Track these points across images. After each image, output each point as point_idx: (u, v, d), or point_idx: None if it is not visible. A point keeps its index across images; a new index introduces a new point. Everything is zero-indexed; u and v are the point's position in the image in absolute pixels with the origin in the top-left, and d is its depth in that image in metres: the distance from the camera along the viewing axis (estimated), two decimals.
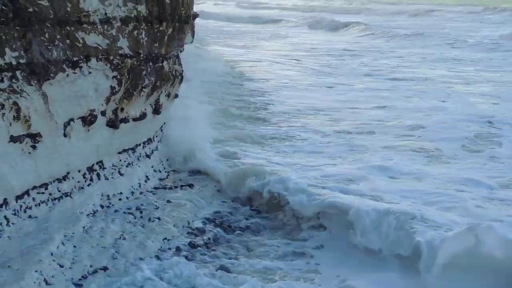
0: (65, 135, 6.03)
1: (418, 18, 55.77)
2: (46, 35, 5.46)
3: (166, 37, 7.22)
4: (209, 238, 6.59)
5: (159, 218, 6.71)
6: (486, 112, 13.06)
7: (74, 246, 5.84)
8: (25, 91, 5.24)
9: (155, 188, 7.73)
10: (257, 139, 10.42)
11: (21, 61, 5.15)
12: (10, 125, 5.25)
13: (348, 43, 30.39)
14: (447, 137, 10.73)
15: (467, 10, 61.92)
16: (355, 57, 24.29)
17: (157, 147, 8.34)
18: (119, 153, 7.22)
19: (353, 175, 8.34)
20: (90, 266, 5.60)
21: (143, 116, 7.26)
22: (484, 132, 11.37)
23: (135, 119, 7.13)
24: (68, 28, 5.76)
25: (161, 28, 7.03)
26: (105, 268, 5.63)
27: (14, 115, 5.24)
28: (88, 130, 6.35)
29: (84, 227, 6.21)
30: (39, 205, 6.01)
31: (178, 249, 6.24)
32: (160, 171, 8.24)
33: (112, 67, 6.33)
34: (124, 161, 7.33)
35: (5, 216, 5.56)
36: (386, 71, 19.80)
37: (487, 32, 35.27)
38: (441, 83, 17.46)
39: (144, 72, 6.88)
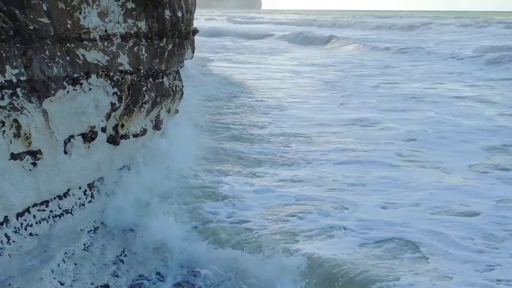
0: (65, 152, 6.02)
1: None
2: (47, 52, 5.47)
3: (166, 53, 7.23)
4: None
5: None
6: None
7: (75, 264, 5.81)
8: (25, 108, 5.24)
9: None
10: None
11: (22, 78, 5.15)
12: (11, 142, 5.24)
13: (345, 58, 30.71)
14: None
15: (460, 23, 64.10)
16: (359, 71, 24.41)
17: None
18: (120, 169, 7.20)
19: None
20: (91, 284, 5.56)
21: (143, 132, 7.26)
22: None
23: (135, 135, 7.13)
24: (68, 45, 5.77)
25: (161, 44, 7.05)
26: (106, 286, 5.58)
27: (14, 133, 5.23)
28: (89, 146, 6.35)
29: (85, 244, 6.19)
30: (40, 223, 5.99)
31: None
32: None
33: (112, 84, 6.35)
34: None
35: (5, 234, 5.53)
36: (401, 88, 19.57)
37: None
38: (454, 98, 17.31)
39: (144, 88, 6.88)
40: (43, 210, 6.02)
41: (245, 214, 7.18)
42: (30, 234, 5.82)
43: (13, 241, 5.59)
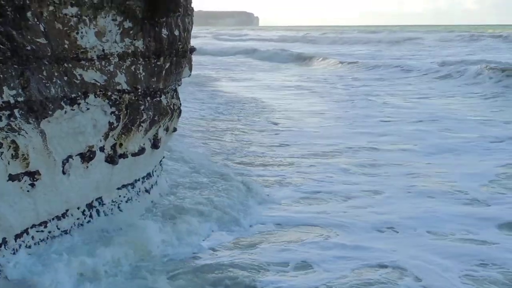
0: (63, 172, 5.99)
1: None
2: (44, 73, 5.47)
3: (163, 72, 7.24)
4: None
5: None
6: None
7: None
8: (23, 129, 5.22)
9: None
10: None
11: (19, 99, 5.14)
12: (8, 163, 5.22)
13: (342, 74, 31.06)
14: None
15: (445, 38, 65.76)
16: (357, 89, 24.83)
17: (156, 182, 8.29)
18: (118, 188, 7.17)
19: None
20: None
21: (142, 151, 7.24)
22: None
23: (134, 154, 7.10)
24: (66, 65, 5.78)
25: (158, 63, 7.06)
26: None
27: (12, 154, 5.21)
28: (87, 166, 6.32)
29: None
30: (39, 244, 5.95)
31: None
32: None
33: (110, 103, 6.34)
34: (124, 197, 7.28)
35: (4, 256, 5.49)
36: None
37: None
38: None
39: (142, 107, 6.88)
40: (42, 231, 5.99)
41: None
42: (29, 255, 5.77)
43: None
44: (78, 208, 6.49)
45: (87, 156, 6.26)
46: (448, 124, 15.92)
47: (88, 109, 6.06)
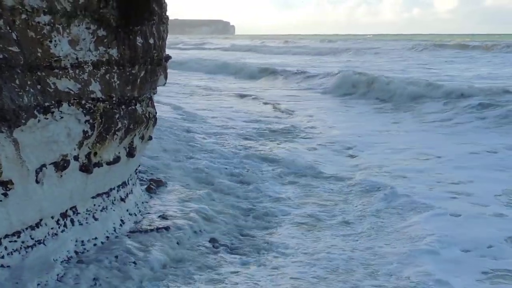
0: (37, 182, 5.94)
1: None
2: (17, 81, 5.43)
3: (138, 80, 7.24)
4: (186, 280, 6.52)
5: (135, 262, 6.61)
6: None
7: None
8: None
9: (131, 231, 7.61)
10: None
11: None
12: None
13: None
14: None
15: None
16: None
17: (131, 190, 8.26)
18: (93, 197, 7.12)
19: None
20: None
21: (117, 159, 7.21)
22: None
23: (109, 163, 7.07)
24: (39, 73, 5.74)
25: (133, 71, 7.05)
26: None
27: None
28: (61, 175, 6.28)
29: (58, 275, 6.08)
30: (12, 254, 5.88)
31: None
32: (136, 214, 8.15)
33: (84, 112, 6.31)
34: (99, 206, 7.23)
35: None
36: None
37: None
38: None
39: (117, 116, 6.86)
40: (15, 241, 5.92)
41: None
42: (1, 266, 5.71)
43: None
44: (52, 218, 6.42)
45: (61, 165, 6.22)
46: None
47: (62, 117, 6.02)
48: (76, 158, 6.48)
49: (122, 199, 7.86)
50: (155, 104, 8.37)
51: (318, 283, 6.48)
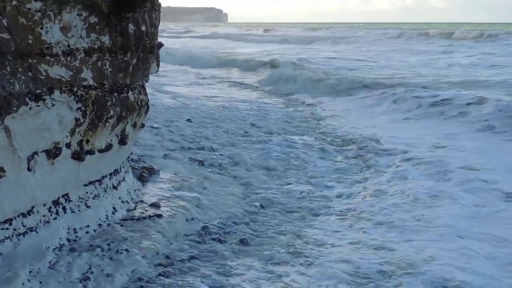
0: (29, 169, 5.92)
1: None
2: (8, 68, 5.40)
3: (130, 67, 7.20)
4: (178, 269, 6.52)
5: (127, 250, 6.61)
6: None
7: (40, 282, 5.70)
8: None
9: (123, 219, 7.61)
10: None
11: None
12: None
13: None
14: None
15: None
16: None
17: (124, 178, 8.25)
18: (85, 185, 7.11)
19: None
20: None
21: (109, 147, 7.19)
22: None
23: (101, 151, 7.06)
24: (30, 60, 5.71)
25: (125, 59, 7.02)
26: None
27: None
28: (53, 163, 6.26)
29: (50, 262, 6.08)
30: (4, 241, 5.87)
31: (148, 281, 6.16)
32: (128, 202, 8.14)
33: (76, 99, 6.28)
34: (91, 193, 7.22)
35: None
36: None
37: None
38: None
39: (109, 103, 6.83)
40: (7, 228, 5.91)
41: None
42: None
43: None
44: (44, 205, 6.41)
45: (53, 153, 6.20)
46: None
47: (53, 105, 6.00)
48: (68, 145, 6.47)
49: (115, 187, 7.85)
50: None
51: None
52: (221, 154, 11.98)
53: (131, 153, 8.78)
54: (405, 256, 6.96)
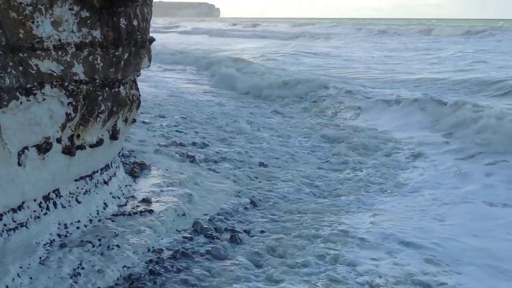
0: (19, 164, 5.88)
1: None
2: None
3: (122, 62, 7.17)
4: (170, 265, 6.52)
5: (118, 246, 6.60)
6: None
7: (31, 278, 5.68)
8: None
9: (114, 215, 7.59)
10: None
11: None
12: None
13: None
14: None
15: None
16: None
17: (115, 173, 8.22)
18: (76, 180, 7.08)
19: None
20: None
21: (100, 142, 7.16)
22: None
23: (92, 146, 7.02)
24: (21, 54, 5.66)
25: (117, 53, 6.98)
26: None
27: None
28: (44, 158, 6.22)
29: (40, 258, 6.05)
30: None
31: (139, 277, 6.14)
32: (119, 198, 8.11)
33: (67, 94, 6.24)
34: (82, 189, 7.19)
35: None
36: None
37: None
38: None
39: (100, 98, 6.80)
40: None
41: None
42: None
43: None
44: (35, 200, 6.38)
45: (43, 148, 6.16)
46: None
47: (44, 99, 5.96)
48: (58, 140, 6.43)
49: (106, 182, 7.83)
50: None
51: None
52: (213, 150, 11.97)
53: (122, 148, 8.74)
54: None
